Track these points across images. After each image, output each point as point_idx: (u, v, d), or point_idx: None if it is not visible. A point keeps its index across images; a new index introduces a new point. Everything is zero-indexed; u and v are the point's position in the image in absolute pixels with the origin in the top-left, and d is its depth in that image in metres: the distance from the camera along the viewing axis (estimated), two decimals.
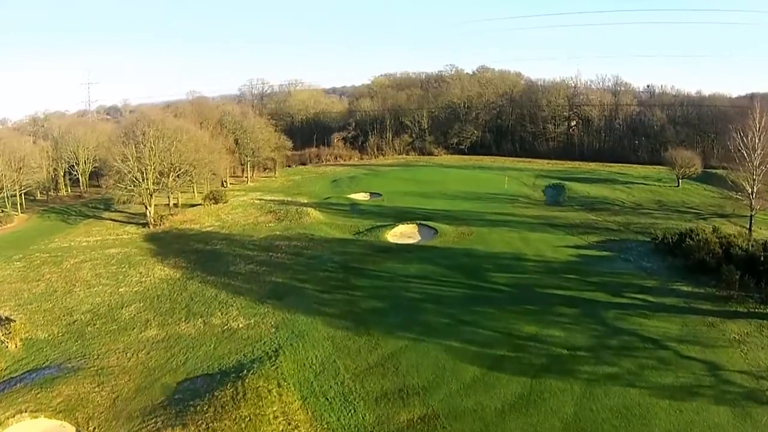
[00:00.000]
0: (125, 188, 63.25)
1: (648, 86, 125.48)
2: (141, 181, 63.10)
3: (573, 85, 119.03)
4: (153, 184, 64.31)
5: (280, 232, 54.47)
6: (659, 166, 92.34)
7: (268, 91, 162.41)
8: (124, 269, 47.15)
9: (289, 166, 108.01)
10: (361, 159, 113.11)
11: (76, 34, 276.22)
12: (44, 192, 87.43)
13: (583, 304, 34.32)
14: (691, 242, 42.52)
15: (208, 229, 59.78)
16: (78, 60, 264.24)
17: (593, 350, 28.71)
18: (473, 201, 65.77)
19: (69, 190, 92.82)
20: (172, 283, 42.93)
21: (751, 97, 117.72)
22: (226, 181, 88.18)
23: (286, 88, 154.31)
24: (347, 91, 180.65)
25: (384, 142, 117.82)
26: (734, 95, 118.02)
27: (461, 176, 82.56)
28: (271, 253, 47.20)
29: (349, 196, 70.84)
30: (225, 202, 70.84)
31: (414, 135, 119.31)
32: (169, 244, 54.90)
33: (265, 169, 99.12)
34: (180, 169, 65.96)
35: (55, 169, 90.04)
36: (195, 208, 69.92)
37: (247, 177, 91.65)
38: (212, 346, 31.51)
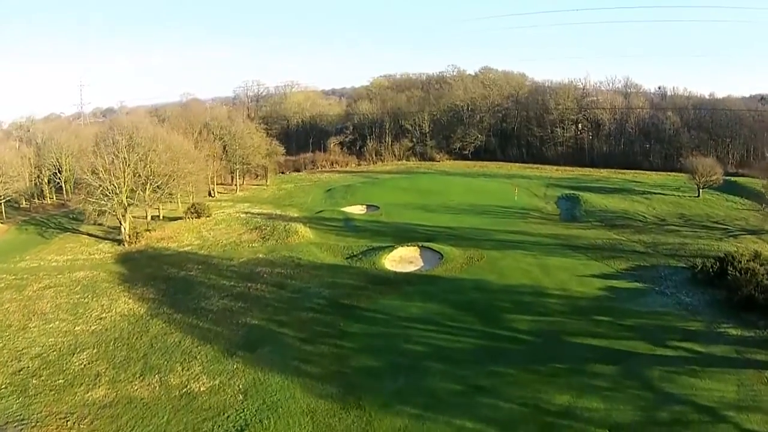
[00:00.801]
0: (96, 203, 56.99)
1: (659, 88, 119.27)
2: (113, 195, 56.75)
3: (581, 86, 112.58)
4: (127, 198, 57.89)
5: (263, 255, 47.99)
6: (674, 173, 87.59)
7: (264, 93, 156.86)
8: (86, 300, 41.31)
9: (283, 173, 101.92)
10: (359, 165, 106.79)
11: (74, 35, 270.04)
12: (29, 200, 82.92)
13: (622, 358, 27.84)
14: (733, 272, 36.31)
15: (185, 248, 53.44)
16: (76, 61, 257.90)
17: (641, 429, 22.29)
18: (480, 215, 59.23)
19: (54, 198, 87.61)
20: (133, 322, 36.71)
21: (761, 98, 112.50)
22: (213, 190, 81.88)
23: (282, 90, 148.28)
24: (347, 92, 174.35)
25: (383, 146, 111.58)
26: (739, 96, 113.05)
27: (466, 185, 75.94)
28: (249, 284, 40.66)
29: (343, 209, 64.24)
30: (208, 216, 64.55)
31: (415, 139, 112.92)
32: (141, 268, 48.83)
33: (257, 176, 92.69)
34: (156, 182, 59.41)
35: (38, 177, 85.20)
36: (176, 222, 63.61)
37: (236, 185, 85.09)
38: (165, 417, 25.09)
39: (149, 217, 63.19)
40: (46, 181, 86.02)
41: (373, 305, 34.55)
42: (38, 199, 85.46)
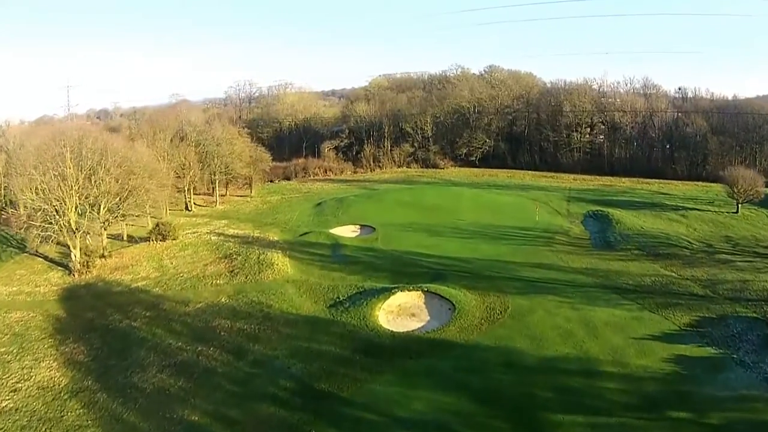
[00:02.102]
0: (39, 227, 47.44)
1: (680, 89, 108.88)
2: (58, 217, 47.07)
3: (597, 86, 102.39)
4: (74, 220, 48.09)
5: (227, 299, 38.09)
6: (702, 183, 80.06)
7: (257, 94, 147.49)
8: (9, 357, 32.78)
9: (271, 182, 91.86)
10: (355, 173, 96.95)
11: (71, 33, 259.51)
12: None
13: None
14: None
15: (140, 283, 43.91)
16: (72, 60, 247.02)
17: None
18: (497, 241, 49.06)
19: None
20: (49, 401, 27.79)
21: None
22: (190, 203, 71.89)
23: (275, 91, 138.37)
24: (346, 93, 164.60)
25: (381, 152, 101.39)
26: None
27: (476, 199, 65.69)
28: (201, 347, 30.76)
29: (332, 230, 54.01)
30: (174, 239, 54.77)
31: (416, 144, 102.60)
32: (82, 311, 39.84)
33: (244, 185, 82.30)
34: (109, 201, 49.48)
35: (5, 187, 75.37)
36: (138, 246, 53.97)
37: (216, 198, 74.84)
38: None
39: (104, 241, 53.15)
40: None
41: (359, 394, 24.51)
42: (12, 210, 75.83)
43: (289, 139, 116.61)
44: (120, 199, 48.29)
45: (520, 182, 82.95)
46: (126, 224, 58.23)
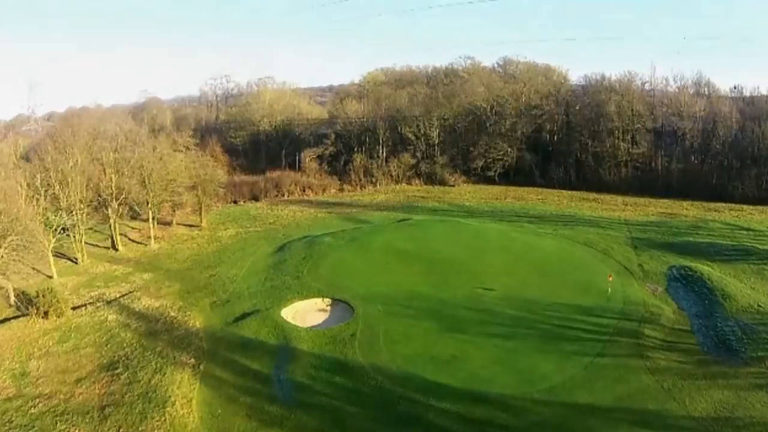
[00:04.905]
0: None
1: (735, 87, 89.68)
2: None
3: (641, 84, 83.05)
4: None
5: None
6: None
7: (234, 91, 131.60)
8: None
9: (235, 202, 73.40)
10: (341, 191, 78.81)
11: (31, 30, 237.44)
12: None
13: None
14: None
15: None
16: (36, 60, 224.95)
17: None
18: (555, 344, 29.96)
19: None
20: None
21: None
22: (116, 241, 53.22)
23: (256, 87, 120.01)
24: (340, 92, 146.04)
25: (375, 164, 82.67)
26: None
27: (507, 247, 46.21)
28: None
29: (285, 311, 34.89)
30: (58, 317, 36.83)
31: (419, 154, 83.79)
32: None
33: (198, 209, 63.01)
34: None
35: None
36: (8, 325, 35.78)
37: (152, 233, 55.41)
38: None
39: None
40: None
41: None
42: None
43: (267, 146, 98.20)
44: None
45: (556, 210, 64.16)
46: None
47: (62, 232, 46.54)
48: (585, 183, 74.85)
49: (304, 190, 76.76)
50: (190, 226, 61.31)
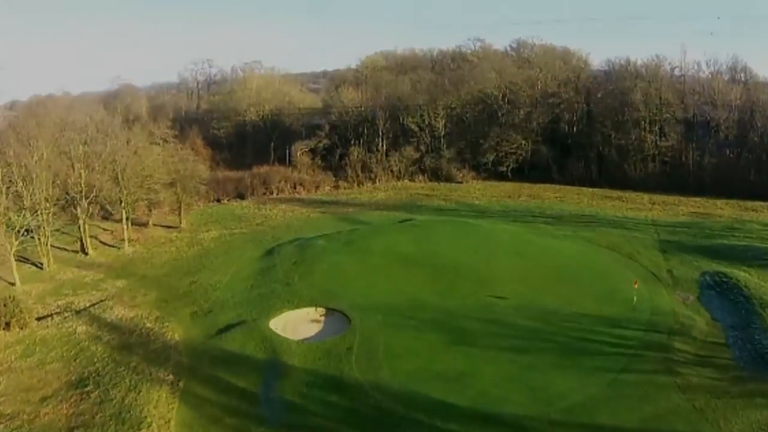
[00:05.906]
0: None
1: None
2: None
3: (671, 69, 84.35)
4: None
5: None
6: None
7: (218, 77, 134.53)
8: None
9: (218, 201, 75.17)
10: (336, 188, 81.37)
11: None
12: None
13: None
14: None
15: None
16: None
17: None
18: (576, 359, 30.30)
19: None
20: None
21: None
22: (86, 244, 53.94)
23: (242, 73, 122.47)
24: (336, 78, 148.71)
25: (374, 158, 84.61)
26: None
27: (521, 250, 46.87)
28: None
29: (274, 322, 35.28)
30: (22, 328, 37.67)
31: (423, 147, 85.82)
32: None
33: (176, 209, 63.97)
34: None
35: None
36: None
37: (125, 236, 55.97)
38: None
39: None
40: None
41: None
42: None
43: (254, 138, 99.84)
44: None
45: (576, 209, 65.83)
46: None
47: (26, 234, 47.76)
48: (608, 179, 76.41)
49: (295, 188, 78.52)
50: (169, 227, 63.07)
